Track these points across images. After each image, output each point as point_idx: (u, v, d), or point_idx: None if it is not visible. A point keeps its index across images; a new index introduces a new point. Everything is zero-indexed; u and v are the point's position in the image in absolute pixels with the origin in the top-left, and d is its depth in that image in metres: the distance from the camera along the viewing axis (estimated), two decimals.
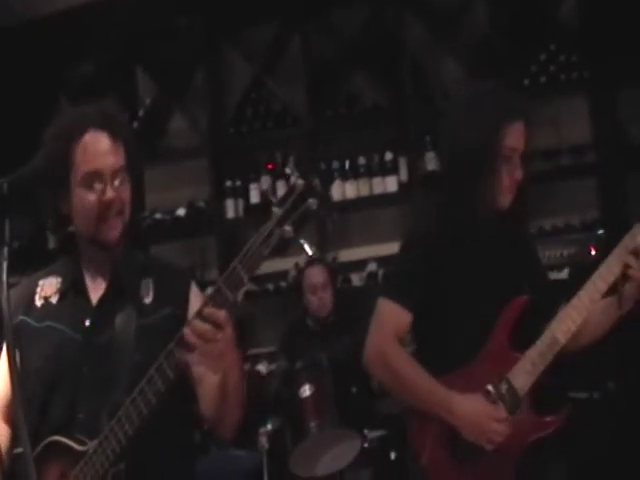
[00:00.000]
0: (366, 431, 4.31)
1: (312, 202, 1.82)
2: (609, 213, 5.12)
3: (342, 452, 4.26)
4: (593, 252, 4.88)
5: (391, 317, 2.57)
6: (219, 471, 4.41)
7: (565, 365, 2.54)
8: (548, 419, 2.51)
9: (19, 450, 1.94)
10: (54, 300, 2.28)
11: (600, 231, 5.02)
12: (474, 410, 2.46)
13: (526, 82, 5.34)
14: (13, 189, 1.81)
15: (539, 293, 2.60)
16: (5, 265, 1.77)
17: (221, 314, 1.87)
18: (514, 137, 2.53)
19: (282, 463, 4.22)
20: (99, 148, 2.16)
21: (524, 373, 2.51)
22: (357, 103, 5.78)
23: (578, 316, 2.52)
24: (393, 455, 4.47)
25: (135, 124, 6.12)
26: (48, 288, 2.29)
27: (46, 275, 2.33)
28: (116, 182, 2.16)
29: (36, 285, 2.31)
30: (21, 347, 2.22)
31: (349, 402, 4.39)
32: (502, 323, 2.53)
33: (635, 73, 4.97)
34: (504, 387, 2.49)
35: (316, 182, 1.83)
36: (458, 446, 2.49)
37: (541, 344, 2.52)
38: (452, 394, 2.48)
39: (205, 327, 1.88)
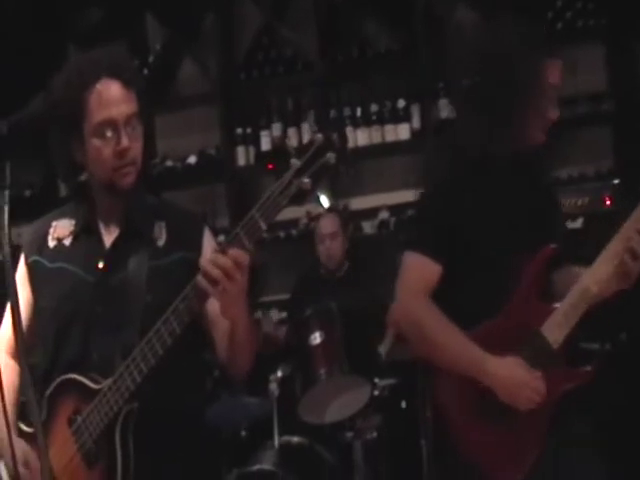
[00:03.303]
0: (376, 379, 4.32)
1: (330, 156, 1.86)
2: (624, 163, 5.06)
3: (351, 400, 4.27)
4: (608, 202, 4.83)
5: (420, 271, 2.46)
6: (230, 417, 4.44)
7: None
8: (581, 371, 2.41)
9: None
10: (67, 242, 2.29)
11: (615, 180, 4.97)
12: (512, 375, 2.38)
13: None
14: (14, 131, 1.80)
15: (560, 241, 2.49)
16: (6, 208, 1.77)
17: (244, 254, 1.92)
18: (555, 74, 2.44)
19: (292, 410, 4.24)
20: (112, 96, 2.16)
21: (557, 326, 2.40)
22: (369, 48, 5.70)
23: (610, 264, 2.37)
24: (404, 404, 4.49)
25: (145, 71, 6.06)
26: (61, 230, 2.31)
27: (59, 216, 2.34)
28: (129, 130, 2.17)
29: (49, 226, 2.33)
30: (35, 286, 2.28)
31: (359, 349, 4.40)
32: (528, 273, 2.43)
33: None
34: (537, 341, 2.40)
35: (335, 137, 1.87)
36: (487, 405, 2.42)
37: (573, 295, 2.40)
38: (488, 355, 2.39)
39: (228, 263, 1.92)
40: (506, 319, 2.44)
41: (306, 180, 1.86)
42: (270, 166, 1.91)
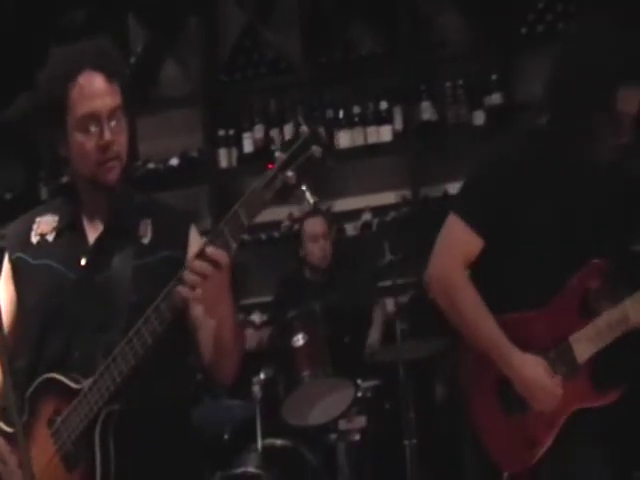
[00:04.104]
0: (359, 381, 4.32)
1: (316, 149, 1.82)
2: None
3: (335, 401, 4.28)
4: None
5: (462, 241, 2.42)
6: (213, 420, 4.43)
7: None
8: (604, 394, 2.39)
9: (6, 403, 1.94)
10: (50, 238, 2.26)
11: None
12: (534, 377, 2.37)
13: (523, 31, 5.28)
14: None
15: (617, 260, 2.43)
16: None
17: (221, 254, 1.89)
18: (630, 101, 2.31)
19: (275, 412, 4.24)
20: (95, 89, 2.13)
21: (587, 340, 2.37)
22: (352, 50, 5.70)
23: None
24: (387, 405, 4.50)
25: (127, 72, 6.03)
26: (44, 225, 2.28)
27: (43, 212, 2.31)
28: (113, 123, 2.14)
29: (33, 222, 2.29)
30: (18, 283, 2.25)
31: (343, 351, 4.40)
32: (577, 282, 2.39)
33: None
34: (564, 350, 2.39)
35: (321, 130, 1.84)
36: (505, 391, 2.42)
37: (611, 316, 2.37)
38: (515, 352, 2.37)
39: (205, 266, 1.89)
40: (542, 317, 2.42)
41: (290, 174, 1.82)
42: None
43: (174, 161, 6.03)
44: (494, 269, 2.46)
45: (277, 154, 1.83)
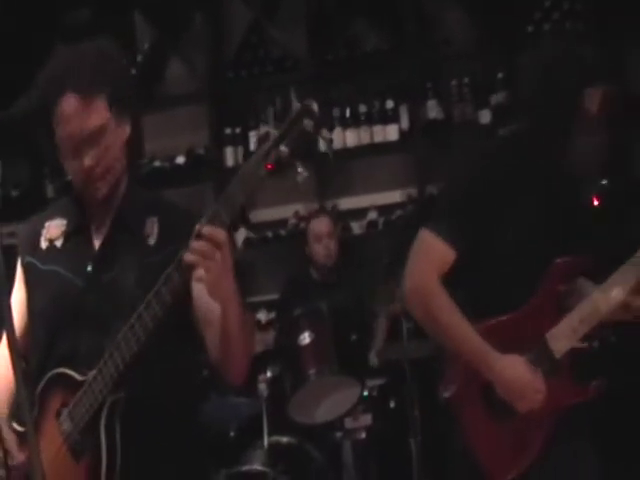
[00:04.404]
0: (366, 379, 4.33)
1: (308, 123, 1.82)
2: (612, 163, 5.07)
3: (341, 400, 4.28)
4: (596, 202, 4.83)
5: (436, 254, 2.47)
6: (218, 417, 4.44)
7: None
8: (584, 388, 2.43)
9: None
10: (58, 243, 2.28)
11: (603, 181, 4.98)
12: (516, 377, 2.40)
13: (530, 29, 5.28)
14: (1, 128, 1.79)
15: (596, 256, 2.47)
16: None
17: (220, 232, 1.88)
18: (595, 102, 2.42)
19: (281, 410, 4.24)
20: (70, 113, 2.12)
21: (562, 337, 2.42)
22: (358, 48, 5.70)
23: (623, 287, 2.40)
24: (392, 403, 4.50)
25: (133, 70, 6.04)
26: (53, 230, 2.29)
27: (52, 216, 2.33)
28: (94, 143, 2.13)
29: (42, 226, 2.31)
30: (28, 288, 2.27)
31: (349, 350, 4.41)
32: (550, 281, 2.44)
33: None
34: (541, 348, 2.43)
35: (313, 105, 1.84)
36: (492, 398, 2.44)
37: (583, 310, 2.42)
38: (494, 354, 2.41)
39: (204, 245, 1.89)
40: (519, 319, 2.45)
41: (284, 149, 1.82)
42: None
43: (180, 159, 6.03)
44: (470, 276, 2.50)
45: (271, 131, 1.84)
